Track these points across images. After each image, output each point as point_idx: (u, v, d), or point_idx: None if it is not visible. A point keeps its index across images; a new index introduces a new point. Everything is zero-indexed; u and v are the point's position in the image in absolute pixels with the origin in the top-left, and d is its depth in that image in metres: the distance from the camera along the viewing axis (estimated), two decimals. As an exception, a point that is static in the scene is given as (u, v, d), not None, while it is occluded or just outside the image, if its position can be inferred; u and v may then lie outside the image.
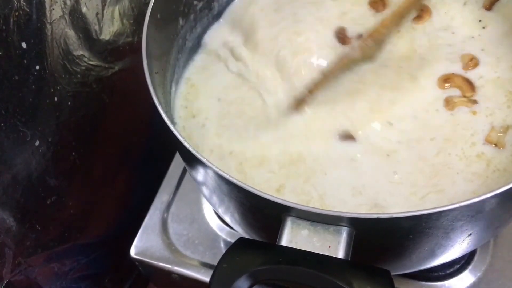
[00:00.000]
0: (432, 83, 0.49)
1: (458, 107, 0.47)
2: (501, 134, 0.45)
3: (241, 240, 0.37)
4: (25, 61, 0.46)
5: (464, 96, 0.48)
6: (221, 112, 0.53)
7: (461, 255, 0.45)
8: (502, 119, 0.46)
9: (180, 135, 0.39)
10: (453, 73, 0.49)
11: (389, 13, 0.51)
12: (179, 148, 0.42)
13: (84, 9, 0.53)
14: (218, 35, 0.59)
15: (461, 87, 0.48)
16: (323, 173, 0.45)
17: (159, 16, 0.49)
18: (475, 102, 0.47)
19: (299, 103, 0.49)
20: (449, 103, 0.47)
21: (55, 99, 0.50)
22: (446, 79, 0.49)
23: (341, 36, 0.52)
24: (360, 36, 0.52)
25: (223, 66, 0.56)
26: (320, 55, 0.51)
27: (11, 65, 0.44)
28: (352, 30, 0.53)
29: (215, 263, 0.35)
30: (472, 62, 0.50)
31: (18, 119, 0.46)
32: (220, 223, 0.59)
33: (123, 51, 0.61)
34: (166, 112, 0.40)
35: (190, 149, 0.37)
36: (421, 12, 0.53)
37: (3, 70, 0.43)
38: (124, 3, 0.60)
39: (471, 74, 0.49)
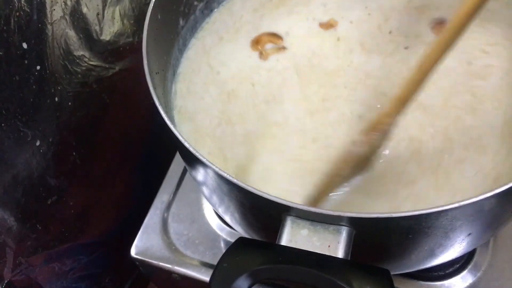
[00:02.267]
0: None
1: None
2: None
3: (241, 240, 0.37)
4: (25, 62, 0.46)
5: None
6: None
7: (461, 254, 0.45)
8: None
9: (180, 135, 0.39)
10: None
11: (390, 102, 0.43)
12: (179, 148, 0.42)
13: (84, 10, 0.53)
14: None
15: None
16: None
17: (159, 16, 0.49)
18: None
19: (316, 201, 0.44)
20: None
21: (56, 99, 0.51)
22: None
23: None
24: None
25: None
26: None
27: (12, 66, 0.44)
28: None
29: (215, 262, 0.35)
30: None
31: (19, 119, 0.46)
32: (220, 223, 0.59)
33: (124, 51, 0.61)
34: (166, 112, 0.40)
35: (190, 149, 0.38)
36: None
37: (4, 70, 0.43)
38: (125, 3, 0.60)
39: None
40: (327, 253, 0.35)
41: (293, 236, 0.36)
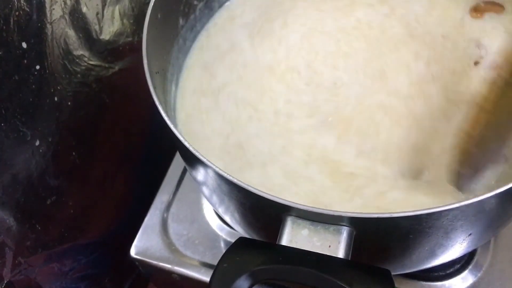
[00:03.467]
0: None
1: None
2: None
3: (241, 240, 0.37)
4: (25, 61, 0.46)
5: None
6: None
7: (461, 255, 0.44)
8: None
9: (180, 135, 0.39)
10: None
11: None
12: (179, 148, 0.42)
13: (84, 9, 0.53)
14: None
15: None
16: None
17: (159, 16, 0.49)
18: None
19: None
20: None
21: (55, 99, 0.50)
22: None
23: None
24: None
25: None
26: None
27: (11, 65, 0.44)
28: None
29: (215, 263, 0.35)
30: None
31: (18, 119, 0.46)
32: (220, 223, 0.59)
33: (123, 51, 0.61)
34: (166, 112, 0.40)
35: (190, 149, 0.37)
36: None
37: (3, 70, 0.43)
38: (124, 3, 0.60)
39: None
40: (327, 253, 0.34)
41: (294, 236, 0.35)
